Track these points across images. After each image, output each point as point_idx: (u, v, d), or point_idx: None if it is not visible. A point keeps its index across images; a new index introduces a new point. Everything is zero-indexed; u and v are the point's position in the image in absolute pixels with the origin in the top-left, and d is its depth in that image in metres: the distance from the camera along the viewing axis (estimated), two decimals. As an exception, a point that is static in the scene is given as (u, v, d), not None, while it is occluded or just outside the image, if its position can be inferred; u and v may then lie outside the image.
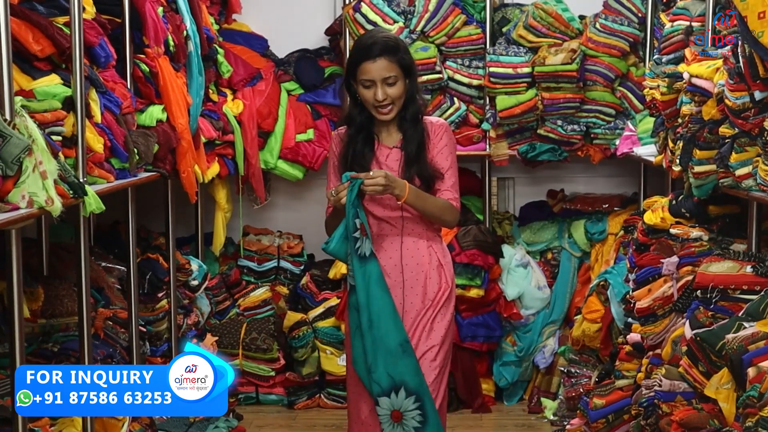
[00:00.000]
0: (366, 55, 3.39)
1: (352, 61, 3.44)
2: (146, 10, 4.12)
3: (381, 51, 3.38)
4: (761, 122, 3.07)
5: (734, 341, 2.84)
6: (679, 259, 3.59)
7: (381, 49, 3.38)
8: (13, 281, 2.91)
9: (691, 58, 3.81)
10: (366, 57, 3.39)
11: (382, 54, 3.38)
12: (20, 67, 3.15)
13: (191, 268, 4.93)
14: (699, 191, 3.64)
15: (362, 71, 3.40)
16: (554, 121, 5.59)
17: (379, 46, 3.39)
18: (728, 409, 2.85)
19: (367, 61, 3.38)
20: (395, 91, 3.40)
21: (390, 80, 3.39)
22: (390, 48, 3.40)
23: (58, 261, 4.06)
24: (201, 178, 4.84)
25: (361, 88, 3.42)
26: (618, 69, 5.50)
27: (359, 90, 3.43)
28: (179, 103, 4.37)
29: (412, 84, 3.46)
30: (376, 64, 3.37)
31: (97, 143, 3.53)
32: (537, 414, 5.40)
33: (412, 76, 3.45)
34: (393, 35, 3.59)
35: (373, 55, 3.37)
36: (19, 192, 2.78)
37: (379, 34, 3.48)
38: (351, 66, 3.44)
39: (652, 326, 3.66)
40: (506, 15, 5.75)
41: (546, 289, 5.66)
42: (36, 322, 3.63)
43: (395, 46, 3.43)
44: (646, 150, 5.03)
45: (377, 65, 3.37)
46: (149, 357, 4.37)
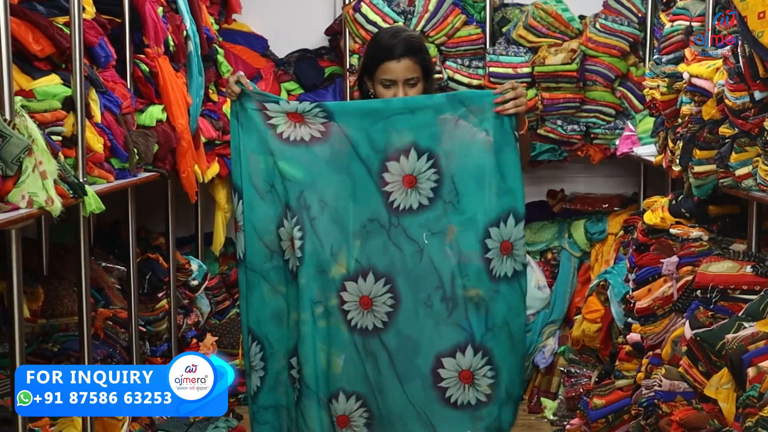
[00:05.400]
0: (389, 54, 3.21)
1: (373, 58, 3.25)
2: (146, 10, 4.12)
3: (405, 51, 3.21)
4: (761, 122, 3.07)
5: (734, 341, 2.84)
6: (679, 259, 3.59)
7: (405, 49, 3.21)
8: (13, 281, 2.91)
9: (691, 58, 3.81)
10: (389, 56, 3.20)
11: (406, 54, 3.20)
12: (20, 67, 3.15)
13: (191, 268, 4.93)
14: (699, 191, 3.63)
15: (384, 70, 3.21)
16: (554, 121, 5.59)
17: (404, 45, 3.21)
18: (728, 409, 2.85)
19: (390, 61, 3.20)
20: (415, 92, 3.23)
21: (412, 81, 3.22)
22: (415, 48, 3.23)
23: (58, 261, 4.06)
24: (201, 178, 4.84)
25: (379, 87, 3.24)
26: (618, 69, 5.50)
27: (376, 88, 3.25)
28: (179, 103, 4.37)
29: (429, 85, 3.31)
30: (400, 65, 3.20)
31: (97, 143, 3.53)
32: (537, 414, 5.40)
33: (430, 78, 3.30)
34: (416, 33, 3.50)
35: (397, 54, 3.20)
36: (19, 192, 2.78)
37: (403, 32, 3.28)
38: (371, 64, 3.25)
39: (652, 326, 3.66)
40: (506, 15, 5.75)
41: (546, 289, 5.66)
42: (36, 322, 3.63)
43: (419, 46, 3.27)
44: (646, 150, 5.03)
45: (401, 65, 3.20)
46: (149, 357, 4.37)
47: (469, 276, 3.13)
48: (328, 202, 3.14)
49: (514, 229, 3.12)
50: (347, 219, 3.14)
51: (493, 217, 3.11)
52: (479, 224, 3.11)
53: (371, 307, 3.15)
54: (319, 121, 3.13)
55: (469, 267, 3.13)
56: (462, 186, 3.12)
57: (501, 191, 3.11)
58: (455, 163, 3.13)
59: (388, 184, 3.13)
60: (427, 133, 3.12)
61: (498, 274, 3.13)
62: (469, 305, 3.14)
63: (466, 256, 3.13)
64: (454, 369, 3.15)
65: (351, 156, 3.13)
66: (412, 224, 3.13)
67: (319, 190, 3.14)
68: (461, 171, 3.12)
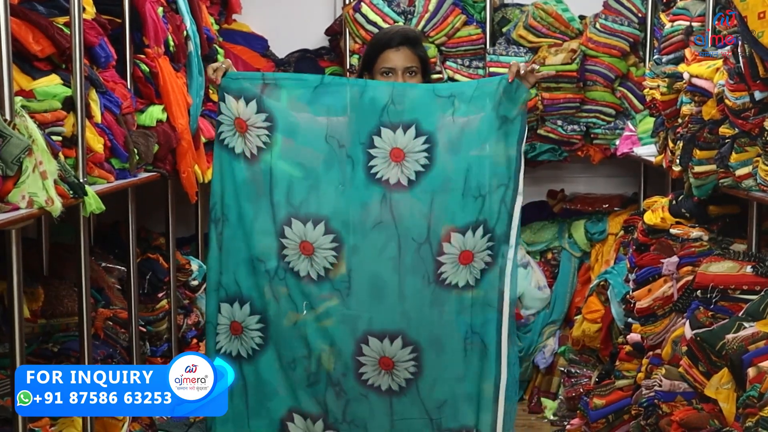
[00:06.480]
0: (388, 44, 3.30)
1: (372, 51, 3.33)
2: (146, 10, 4.11)
3: (403, 41, 3.30)
4: (761, 122, 3.07)
5: (734, 341, 2.84)
6: (679, 259, 3.59)
7: (403, 39, 3.30)
8: (13, 281, 2.91)
9: (691, 58, 3.81)
10: (388, 46, 3.29)
11: (404, 44, 3.30)
12: (20, 67, 3.15)
13: (191, 268, 4.93)
14: (699, 191, 3.64)
15: (383, 59, 3.30)
16: (554, 121, 5.59)
17: (402, 36, 3.31)
18: (728, 409, 2.85)
19: (389, 50, 3.29)
20: (415, 82, 3.30)
21: (412, 69, 3.30)
22: (412, 39, 3.33)
23: (58, 261, 4.06)
24: (201, 178, 4.84)
25: (379, 77, 3.30)
26: (618, 69, 5.50)
27: (377, 79, 3.31)
28: (179, 103, 4.37)
29: (427, 82, 3.37)
30: (399, 53, 3.29)
31: (97, 143, 3.53)
32: (537, 414, 5.40)
33: (427, 74, 3.38)
34: (413, 28, 3.54)
35: (396, 43, 3.29)
36: (19, 192, 2.78)
37: (398, 27, 3.40)
38: (370, 56, 3.33)
39: (652, 326, 3.66)
40: (506, 15, 5.76)
41: (546, 289, 5.66)
42: (36, 322, 3.63)
43: (416, 38, 3.37)
44: (646, 150, 5.03)
45: (400, 54, 3.29)
46: (149, 357, 4.37)
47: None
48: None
49: (480, 240, 3.14)
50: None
51: (461, 225, 3.13)
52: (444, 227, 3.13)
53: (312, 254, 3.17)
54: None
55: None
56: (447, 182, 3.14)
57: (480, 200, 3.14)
58: (450, 158, 3.14)
59: (375, 149, 3.15)
60: (432, 118, 3.15)
61: (450, 282, 3.17)
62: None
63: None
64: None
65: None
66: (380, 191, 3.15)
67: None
68: (453, 169, 3.14)
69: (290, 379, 3.24)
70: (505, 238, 3.15)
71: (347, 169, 3.16)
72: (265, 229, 3.18)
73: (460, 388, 3.21)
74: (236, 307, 3.21)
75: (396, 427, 3.23)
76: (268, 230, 3.18)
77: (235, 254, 3.20)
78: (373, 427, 3.23)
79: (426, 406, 3.21)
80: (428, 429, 3.22)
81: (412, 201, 3.15)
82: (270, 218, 3.18)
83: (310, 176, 3.19)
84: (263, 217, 3.18)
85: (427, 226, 3.15)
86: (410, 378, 3.20)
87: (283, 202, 3.18)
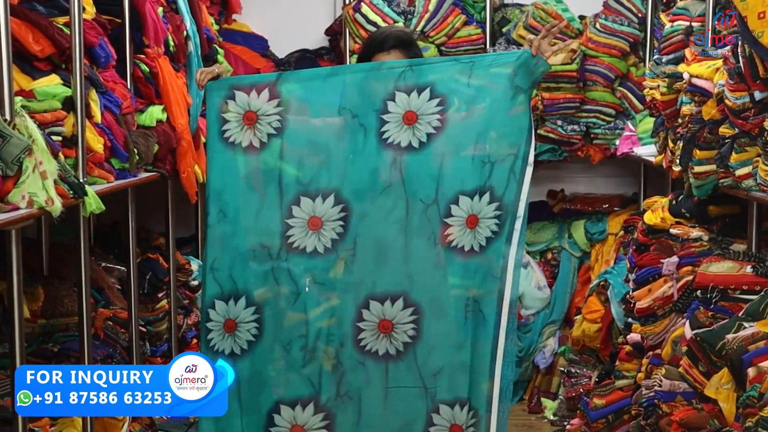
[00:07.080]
0: (380, 46, 3.33)
1: (365, 53, 3.38)
2: (146, 10, 4.12)
3: (395, 43, 3.32)
4: (761, 122, 3.07)
5: (734, 341, 2.84)
6: (679, 259, 3.59)
7: (395, 42, 3.33)
8: (13, 281, 2.91)
9: (691, 58, 3.82)
10: (380, 49, 3.33)
11: (396, 47, 3.32)
12: (20, 67, 3.16)
13: (191, 268, 4.94)
14: (699, 191, 3.64)
15: (376, 61, 3.33)
16: (554, 121, 5.59)
17: (394, 38, 3.34)
18: (728, 409, 2.84)
19: (381, 53, 3.32)
20: None
21: None
22: (404, 42, 3.35)
23: (58, 261, 4.06)
24: (201, 178, 4.83)
25: None
26: (618, 69, 5.50)
27: None
28: (179, 104, 4.37)
29: None
30: (391, 56, 3.31)
31: (97, 143, 3.53)
32: (537, 414, 5.39)
33: None
34: (407, 30, 3.55)
35: (388, 46, 3.32)
36: (19, 192, 2.78)
37: (392, 28, 3.42)
38: (363, 59, 3.38)
39: (652, 326, 3.66)
40: (506, 15, 5.76)
41: (546, 289, 5.66)
42: (36, 322, 3.63)
43: (409, 40, 3.39)
44: (646, 150, 5.04)
45: (392, 57, 3.31)
46: (149, 357, 4.37)
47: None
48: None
49: (486, 206, 3.14)
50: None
51: (470, 189, 3.13)
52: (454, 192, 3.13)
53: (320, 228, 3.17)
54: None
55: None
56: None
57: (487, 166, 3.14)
58: (462, 121, 3.15)
59: (388, 114, 3.15)
60: (448, 81, 3.15)
61: (456, 245, 3.16)
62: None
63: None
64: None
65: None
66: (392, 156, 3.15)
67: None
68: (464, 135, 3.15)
69: (284, 364, 3.23)
70: (513, 208, 3.16)
71: (359, 138, 3.17)
72: (270, 216, 3.18)
73: (457, 357, 3.19)
74: (231, 304, 3.21)
75: (390, 396, 3.21)
76: (273, 217, 3.18)
77: (231, 251, 3.20)
78: (367, 397, 3.21)
79: (422, 372, 3.19)
80: (422, 400, 3.20)
81: (421, 162, 3.15)
82: (277, 203, 3.18)
83: (321, 151, 3.19)
84: (269, 204, 3.18)
85: (435, 187, 3.15)
86: (408, 342, 3.18)
87: (292, 182, 3.18)
